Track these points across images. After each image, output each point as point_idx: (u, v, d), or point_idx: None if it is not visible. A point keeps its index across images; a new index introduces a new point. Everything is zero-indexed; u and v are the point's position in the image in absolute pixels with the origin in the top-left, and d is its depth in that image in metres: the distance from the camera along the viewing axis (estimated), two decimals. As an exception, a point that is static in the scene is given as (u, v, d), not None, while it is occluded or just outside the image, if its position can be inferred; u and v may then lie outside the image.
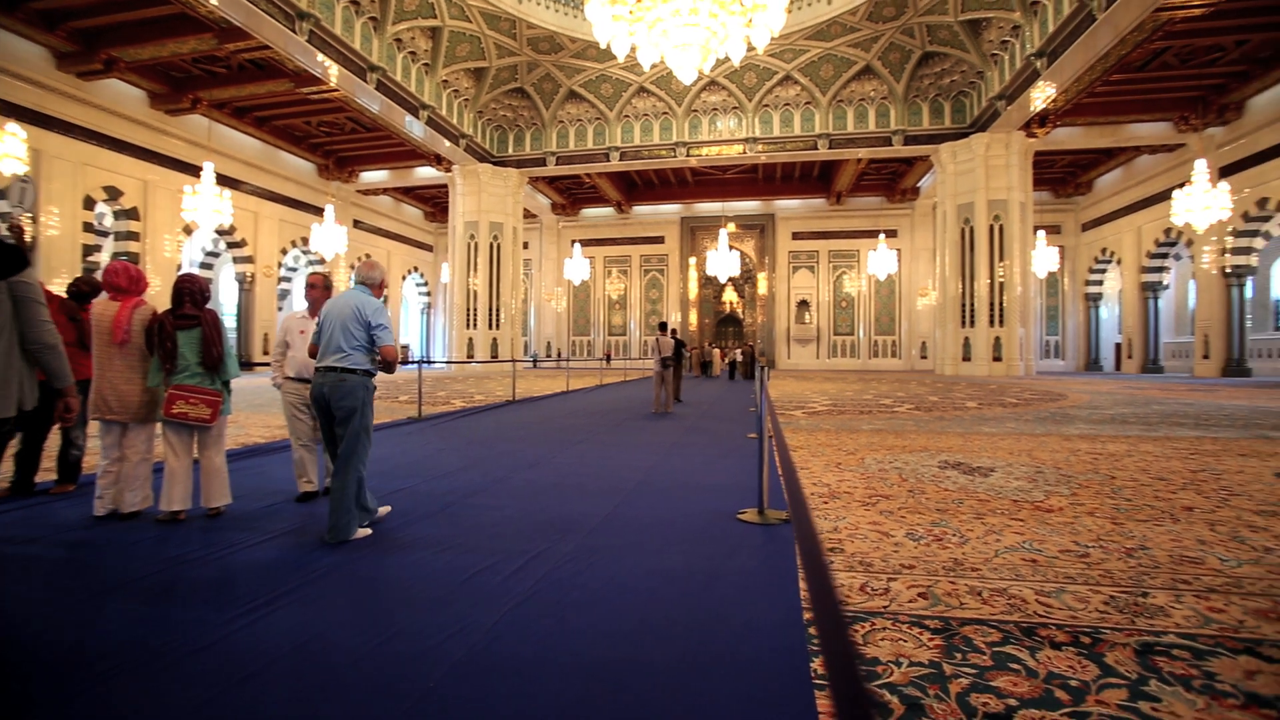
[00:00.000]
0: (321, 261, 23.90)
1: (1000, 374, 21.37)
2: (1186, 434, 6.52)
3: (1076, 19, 15.37)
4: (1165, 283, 25.73)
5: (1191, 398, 11.54)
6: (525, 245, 30.35)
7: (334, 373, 2.93)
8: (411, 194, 32.35)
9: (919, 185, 29.78)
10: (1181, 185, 17.65)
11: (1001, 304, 21.72)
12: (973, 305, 22.15)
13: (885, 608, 2.05)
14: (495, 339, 25.86)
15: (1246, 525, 3.05)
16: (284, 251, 23.98)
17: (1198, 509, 3.36)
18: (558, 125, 25.65)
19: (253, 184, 22.35)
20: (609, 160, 25.48)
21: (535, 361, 31.81)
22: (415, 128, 21.23)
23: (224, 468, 3.37)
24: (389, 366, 3.10)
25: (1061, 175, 28.76)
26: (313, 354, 3.11)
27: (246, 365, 18.83)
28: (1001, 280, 21.69)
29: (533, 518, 3.31)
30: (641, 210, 34.33)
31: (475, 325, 25.60)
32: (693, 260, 33.97)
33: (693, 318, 34.39)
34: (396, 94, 19.46)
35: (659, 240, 34.55)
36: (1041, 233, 24.20)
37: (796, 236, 33.00)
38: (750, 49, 10.53)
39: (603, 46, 9.91)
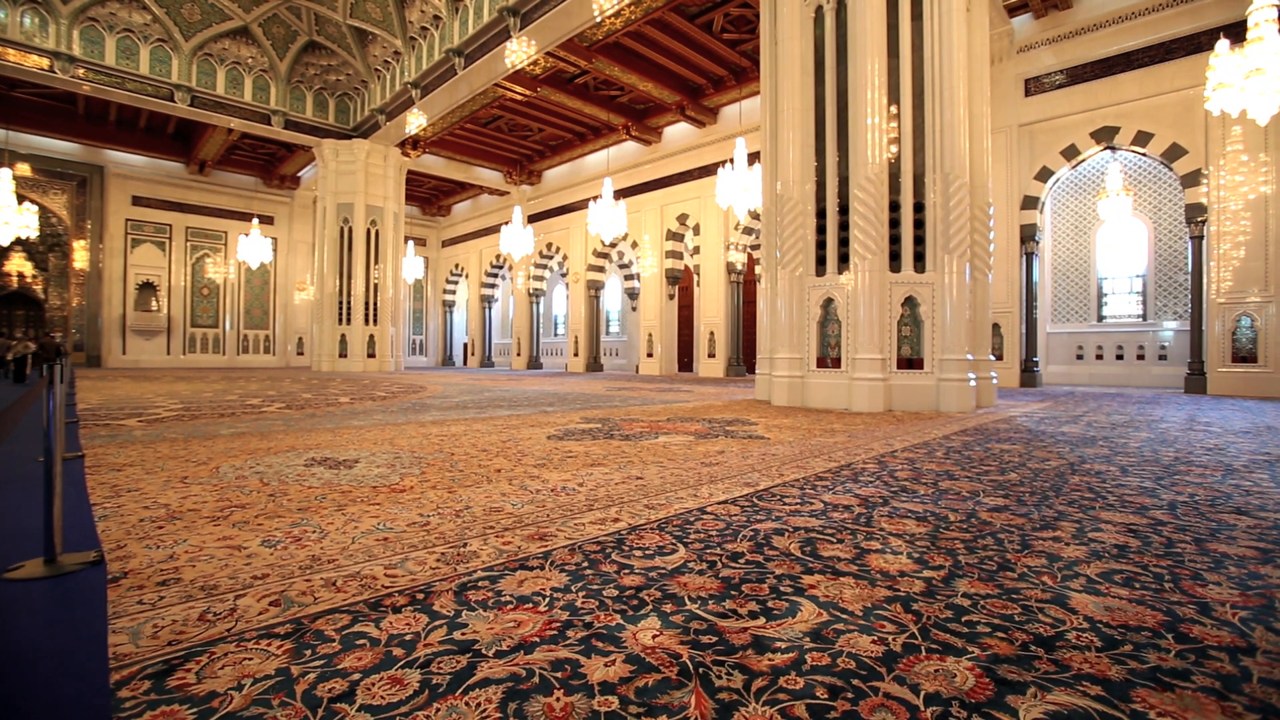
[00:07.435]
0: None
1: (374, 369, 22.83)
2: (503, 413, 8.57)
3: (444, 67, 17.97)
4: (496, 296, 33.29)
5: (508, 385, 15.27)
6: None
7: None
8: None
9: (300, 175, 28.65)
10: (507, 223, 23.14)
11: (376, 304, 23.28)
12: (350, 303, 22.88)
13: (230, 630, 1.86)
14: None
15: (530, 476, 4.24)
16: None
17: (503, 470, 4.46)
18: None
19: None
20: None
21: None
22: None
23: None
24: None
25: (428, 196, 33.11)
26: None
27: None
28: (377, 282, 23.23)
29: None
30: None
31: None
32: (-61, 201, 22.39)
33: (-63, 287, 22.70)
34: None
35: None
36: (411, 243, 27.30)
37: (140, 202, 26.34)
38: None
39: None
